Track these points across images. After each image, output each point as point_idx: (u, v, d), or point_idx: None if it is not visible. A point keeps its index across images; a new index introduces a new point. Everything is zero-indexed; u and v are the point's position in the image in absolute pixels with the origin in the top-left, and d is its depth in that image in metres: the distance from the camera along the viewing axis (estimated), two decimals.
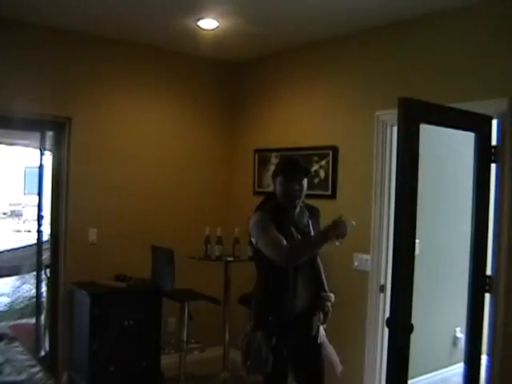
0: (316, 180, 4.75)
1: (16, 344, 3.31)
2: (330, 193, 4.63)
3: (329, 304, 3.31)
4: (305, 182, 3.19)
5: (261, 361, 3.07)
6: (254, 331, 3.13)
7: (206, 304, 4.72)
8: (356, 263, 4.36)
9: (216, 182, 5.63)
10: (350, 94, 4.55)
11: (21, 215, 18.54)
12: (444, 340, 5.09)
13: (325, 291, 3.36)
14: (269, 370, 3.08)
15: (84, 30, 4.67)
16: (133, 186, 5.08)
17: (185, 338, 4.76)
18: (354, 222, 3.03)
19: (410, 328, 2.87)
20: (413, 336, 2.87)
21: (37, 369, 2.92)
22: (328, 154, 4.67)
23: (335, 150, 4.62)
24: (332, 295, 3.34)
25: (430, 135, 3.15)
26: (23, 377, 2.79)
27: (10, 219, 18.56)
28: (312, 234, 3.23)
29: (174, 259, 4.42)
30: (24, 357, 3.13)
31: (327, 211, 4.25)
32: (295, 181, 3.15)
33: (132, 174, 5.08)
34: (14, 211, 18.87)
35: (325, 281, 3.43)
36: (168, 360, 4.87)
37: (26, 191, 20.47)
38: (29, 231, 16.12)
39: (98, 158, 4.89)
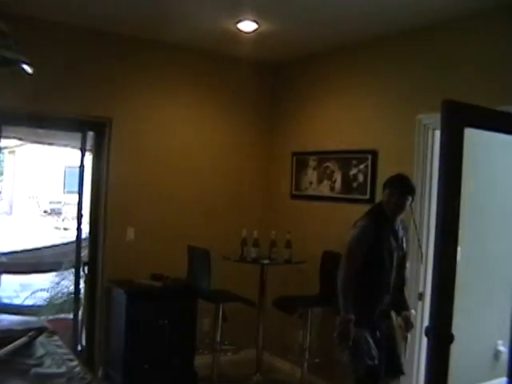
0: (354, 184, 4.71)
1: (55, 338, 3.36)
2: (368, 197, 4.57)
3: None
4: (410, 199, 3.56)
5: (371, 354, 3.43)
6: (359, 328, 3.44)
7: (241, 306, 4.72)
8: None
9: (254, 185, 5.64)
10: (391, 97, 4.50)
11: (60, 213, 18.98)
12: (485, 353, 4.92)
13: (407, 307, 3.72)
14: (367, 364, 3.42)
15: (126, 32, 4.74)
16: (171, 187, 5.13)
17: (219, 339, 4.78)
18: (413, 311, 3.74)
19: (450, 338, 2.78)
20: (453, 347, 2.79)
21: (75, 363, 2.96)
22: (367, 158, 4.62)
23: (374, 153, 4.57)
24: (413, 312, 3.79)
25: (472, 139, 3.08)
26: (63, 370, 2.83)
27: (50, 217, 19.01)
28: (404, 244, 3.66)
29: (210, 260, 4.44)
30: (63, 350, 3.18)
31: None
32: (405, 197, 3.53)
33: (170, 174, 5.13)
34: (54, 209, 19.35)
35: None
36: (202, 360, 4.89)
37: (66, 190, 20.94)
38: (68, 229, 16.50)
39: (137, 157, 4.96)
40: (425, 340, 3.15)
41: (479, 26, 3.83)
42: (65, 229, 16.64)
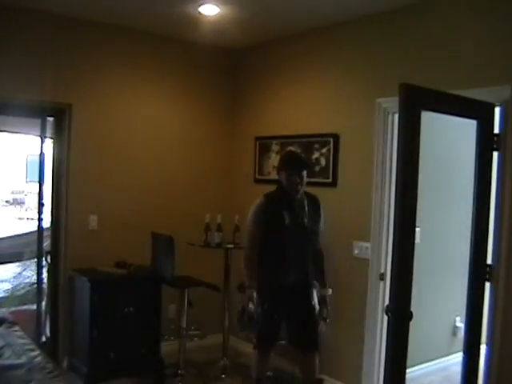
0: (317, 168, 4.73)
1: (16, 328, 3.32)
2: (330, 180, 4.61)
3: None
4: (304, 174, 3.70)
5: (252, 322, 3.64)
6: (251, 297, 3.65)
7: (206, 291, 4.73)
8: (356, 251, 4.35)
9: (217, 170, 5.63)
10: (351, 81, 4.52)
11: (23, 203, 18.63)
12: (443, 329, 5.09)
13: (323, 284, 3.88)
14: (257, 331, 3.74)
15: (84, 16, 4.64)
16: (133, 174, 5.08)
17: (184, 325, 4.77)
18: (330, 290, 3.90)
19: (409, 316, 2.86)
20: (412, 324, 2.86)
21: (36, 353, 2.93)
22: (329, 142, 4.65)
23: (336, 137, 4.60)
24: (329, 290, 3.89)
25: (430, 122, 3.13)
26: (22, 360, 2.79)
27: (13, 207, 18.65)
28: (306, 221, 3.74)
29: (174, 246, 4.42)
30: (23, 341, 3.14)
31: (328, 199, 4.27)
32: (296, 174, 3.66)
33: (132, 160, 5.08)
34: (17, 199, 18.96)
35: (325, 272, 3.92)
36: (168, 347, 4.88)
37: (28, 179, 20.54)
38: (31, 219, 16.20)
39: (99, 144, 4.88)
40: (385, 318, 3.20)
41: (439, 11, 3.85)
42: (29, 219, 16.37)
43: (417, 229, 2.90)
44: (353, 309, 4.38)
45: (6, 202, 19.43)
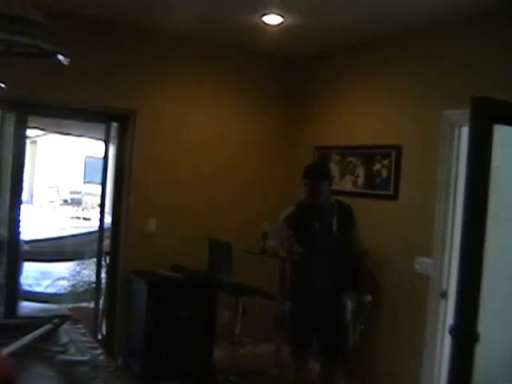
0: (378, 180, 4.67)
1: (79, 326, 3.38)
2: (391, 193, 4.54)
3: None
4: (322, 183, 3.80)
5: (284, 325, 3.85)
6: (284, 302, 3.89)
7: (261, 299, 4.72)
8: (417, 266, 4.25)
9: (276, 179, 5.62)
10: (417, 92, 4.43)
11: (80, 203, 19.18)
12: None
13: (361, 290, 3.91)
14: (289, 337, 3.94)
15: (149, 25, 4.74)
16: (193, 179, 5.15)
17: (238, 332, 4.78)
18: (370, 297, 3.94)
19: (475, 337, 2.74)
20: (478, 347, 2.73)
21: (99, 351, 2.97)
22: (391, 154, 4.58)
23: (399, 149, 4.52)
24: (368, 297, 3.94)
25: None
26: (87, 357, 2.84)
27: (70, 207, 19.20)
28: (334, 227, 3.83)
29: (231, 253, 4.45)
30: (86, 338, 3.19)
31: (388, 212, 4.22)
32: (313, 185, 3.79)
33: (192, 167, 5.15)
34: (74, 199, 19.54)
35: (364, 279, 3.96)
36: (220, 352, 4.90)
37: (86, 180, 21.10)
38: (87, 219, 16.66)
39: (160, 150, 4.98)
40: (446, 339, 3.10)
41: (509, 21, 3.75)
42: (85, 218, 16.81)
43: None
44: (410, 327, 4.26)
45: (64, 201, 20.06)
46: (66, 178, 20.59)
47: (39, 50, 1.97)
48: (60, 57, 2.02)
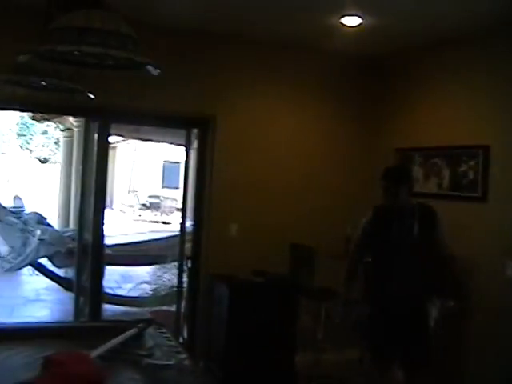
0: (464, 181, 4.48)
1: (163, 330, 3.42)
2: (479, 195, 4.33)
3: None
4: (403, 186, 3.70)
5: (364, 333, 3.87)
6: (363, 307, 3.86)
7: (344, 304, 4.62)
8: (509, 271, 4.02)
9: (357, 181, 5.48)
10: (505, 89, 4.21)
11: (159, 207, 19.67)
12: None
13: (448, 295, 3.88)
14: (370, 341, 3.89)
15: (227, 30, 4.76)
16: (273, 184, 5.12)
17: (320, 338, 4.71)
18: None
19: None
20: None
21: (184, 355, 2.99)
22: (478, 154, 4.38)
23: (486, 149, 4.31)
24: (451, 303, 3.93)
25: None
26: (172, 362, 2.86)
27: (149, 211, 19.75)
28: (415, 231, 3.67)
29: (313, 257, 4.39)
30: (171, 343, 3.22)
31: (476, 214, 4.03)
32: (391, 187, 3.70)
33: (273, 172, 5.13)
34: (153, 203, 20.07)
35: (451, 283, 3.83)
36: (303, 358, 4.83)
37: (164, 185, 21.65)
38: (166, 223, 17.06)
39: (240, 155, 5.00)
40: None
41: None
42: (163, 222, 17.21)
43: None
44: (503, 336, 4.04)
45: (143, 205, 20.65)
46: (144, 183, 21.19)
47: (131, 62, 2.00)
48: (150, 68, 2.04)
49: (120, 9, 2.11)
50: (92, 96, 3.13)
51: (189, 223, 5.13)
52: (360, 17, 4.23)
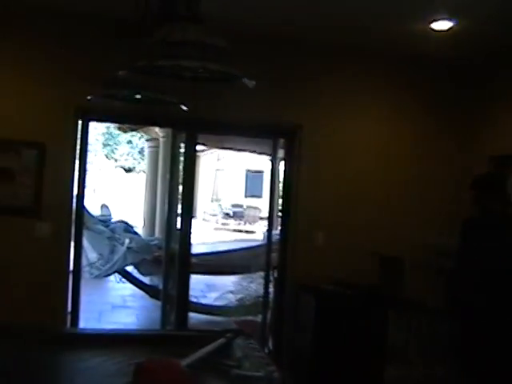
0: None
1: (251, 341, 3.40)
2: None
3: None
4: (493, 196, 3.56)
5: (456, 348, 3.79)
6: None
7: (436, 317, 4.46)
8: None
9: (446, 190, 5.22)
10: None
11: (242, 216, 19.84)
12: None
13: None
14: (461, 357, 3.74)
15: (314, 37, 4.72)
16: (361, 193, 5.01)
17: (411, 353, 4.55)
18: None
19: None
20: None
21: (273, 367, 2.95)
22: None
23: None
24: None
25: None
26: (262, 373, 2.83)
27: (232, 220, 19.98)
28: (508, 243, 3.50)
29: (403, 269, 4.26)
30: (260, 354, 3.19)
31: None
32: (481, 197, 3.60)
33: (360, 181, 5.03)
34: (236, 212, 20.28)
35: None
36: (391, 372, 4.67)
37: (247, 194, 21.86)
38: (249, 232, 17.18)
39: (328, 164, 4.94)
40: None
41: None
42: (247, 231, 17.34)
43: None
44: None
45: (226, 214, 20.90)
46: (227, 192, 21.45)
47: (226, 74, 2.01)
48: (246, 80, 2.04)
49: (214, 20, 2.11)
50: (185, 108, 3.18)
51: (273, 232, 5.12)
52: (451, 20, 4.10)
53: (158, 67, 1.91)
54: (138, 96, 2.86)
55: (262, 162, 16.14)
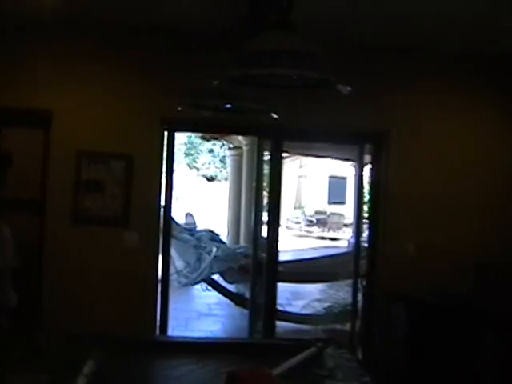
0: None
1: (343, 351, 3.34)
2: None
3: None
4: None
5: None
6: None
7: None
8: None
9: None
10: None
11: (325, 223, 19.70)
12: None
13: None
14: None
15: (405, 46, 4.61)
16: (454, 199, 4.83)
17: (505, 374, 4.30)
18: None
19: None
20: None
21: (367, 379, 2.88)
22: None
23: None
24: None
25: None
26: None
27: (315, 227, 19.87)
28: None
29: (501, 281, 4.04)
30: (352, 364, 3.13)
31: None
32: None
33: (451, 187, 4.84)
34: (320, 219, 20.16)
35: None
36: None
37: (330, 200, 21.70)
38: (333, 239, 17.03)
39: (417, 170, 4.81)
40: None
41: None
42: (331, 239, 17.19)
43: None
44: None
45: (309, 221, 20.82)
46: (310, 199, 21.36)
47: (320, 81, 1.99)
48: (341, 87, 2.01)
49: (307, 29, 2.10)
50: (275, 116, 3.17)
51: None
52: None
53: (252, 77, 1.91)
54: (229, 105, 2.88)
55: (345, 168, 15.99)
